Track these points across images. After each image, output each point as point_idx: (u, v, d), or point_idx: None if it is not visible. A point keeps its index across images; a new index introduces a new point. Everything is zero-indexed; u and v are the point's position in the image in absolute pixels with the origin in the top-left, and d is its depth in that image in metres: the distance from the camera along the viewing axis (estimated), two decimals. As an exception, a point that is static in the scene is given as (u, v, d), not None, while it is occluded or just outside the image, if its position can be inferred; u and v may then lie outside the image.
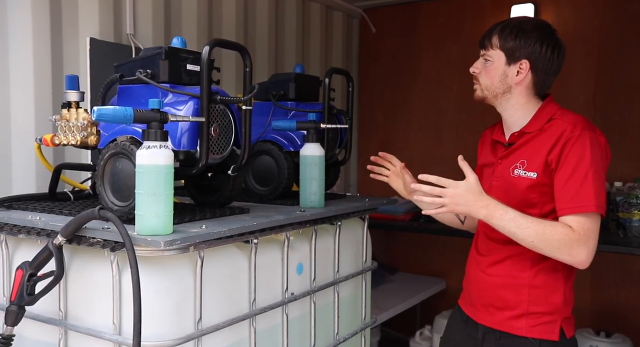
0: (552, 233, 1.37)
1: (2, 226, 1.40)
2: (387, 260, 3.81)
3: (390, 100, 3.88)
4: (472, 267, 1.67)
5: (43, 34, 1.95)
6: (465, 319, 1.66)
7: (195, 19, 2.56)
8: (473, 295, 1.64)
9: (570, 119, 1.47)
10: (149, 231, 1.18)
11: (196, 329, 1.27)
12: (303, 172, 1.71)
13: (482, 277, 1.60)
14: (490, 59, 1.54)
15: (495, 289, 1.55)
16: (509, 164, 1.53)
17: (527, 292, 1.50)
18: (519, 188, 1.49)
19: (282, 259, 1.54)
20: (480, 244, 1.64)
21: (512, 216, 1.39)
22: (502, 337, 1.54)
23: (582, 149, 1.41)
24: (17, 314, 1.25)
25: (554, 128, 1.47)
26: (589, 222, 1.39)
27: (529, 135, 1.52)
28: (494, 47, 1.52)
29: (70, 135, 1.45)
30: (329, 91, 1.83)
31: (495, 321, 1.56)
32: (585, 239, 1.38)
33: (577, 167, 1.40)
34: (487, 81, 1.55)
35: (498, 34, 1.52)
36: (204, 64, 1.32)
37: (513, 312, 1.52)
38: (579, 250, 1.37)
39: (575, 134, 1.42)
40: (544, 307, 1.50)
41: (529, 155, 1.50)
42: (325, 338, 1.75)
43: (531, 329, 1.50)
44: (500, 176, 1.56)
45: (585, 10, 3.24)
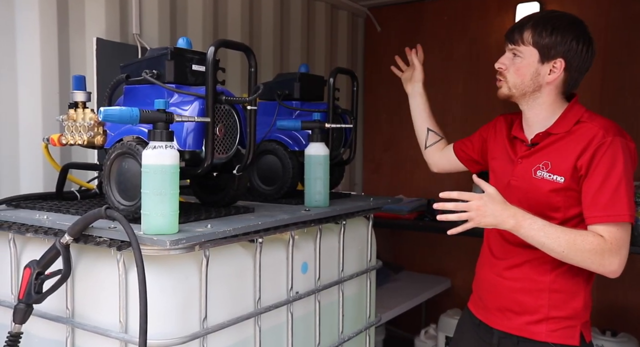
0: (584, 243, 1.34)
1: (10, 225, 1.42)
2: (392, 259, 3.81)
3: (395, 99, 3.86)
4: (485, 270, 1.63)
5: (50, 34, 1.96)
6: (478, 324, 1.63)
7: (201, 18, 2.57)
8: (487, 299, 1.60)
9: (601, 124, 1.42)
10: (154, 230, 1.19)
11: (201, 328, 1.28)
12: (308, 171, 1.72)
13: (498, 281, 1.56)
14: (521, 55, 1.45)
15: (513, 294, 1.52)
16: (531, 165, 1.48)
17: (547, 297, 1.47)
18: (541, 190, 1.45)
19: (287, 258, 1.54)
20: (495, 246, 1.59)
21: (540, 226, 1.35)
22: (520, 342, 1.50)
23: (614, 156, 1.37)
24: (25, 312, 1.26)
25: (584, 132, 1.42)
26: (621, 231, 1.35)
27: (555, 137, 1.47)
28: (526, 43, 1.44)
29: (77, 135, 1.46)
30: (334, 91, 1.84)
31: (512, 326, 1.52)
32: (617, 248, 1.34)
33: (609, 175, 1.36)
34: (517, 79, 1.47)
35: (532, 29, 1.44)
36: (209, 64, 1.32)
37: (532, 317, 1.48)
38: (611, 260, 1.34)
39: (607, 141, 1.38)
40: (565, 311, 1.47)
41: (554, 157, 1.45)
42: (330, 337, 1.76)
43: (551, 334, 1.47)
44: (521, 176, 1.50)
45: (590, 10, 3.22)
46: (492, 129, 1.71)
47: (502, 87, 1.51)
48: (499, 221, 1.36)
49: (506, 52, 1.51)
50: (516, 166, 1.53)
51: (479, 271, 1.67)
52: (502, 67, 1.50)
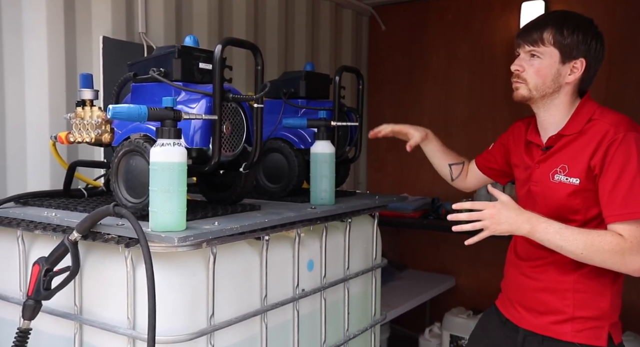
0: (602, 243, 1.31)
1: (18, 222, 1.43)
2: (397, 257, 3.81)
3: (400, 98, 3.88)
4: (511, 270, 1.63)
5: (57, 33, 1.97)
6: (504, 322, 1.63)
7: (206, 17, 2.58)
8: (513, 298, 1.61)
9: (612, 120, 1.40)
10: (162, 228, 1.19)
11: (209, 325, 1.29)
12: (314, 169, 1.72)
13: (523, 281, 1.56)
14: (541, 56, 1.42)
15: (537, 293, 1.51)
16: (548, 169, 1.46)
17: (572, 297, 1.46)
18: (560, 194, 1.43)
19: (293, 256, 1.55)
20: (519, 247, 1.60)
21: (556, 229, 1.33)
22: (544, 341, 1.50)
23: (628, 152, 1.34)
24: (34, 309, 1.27)
25: (595, 130, 1.40)
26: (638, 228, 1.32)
27: (568, 138, 1.45)
28: (547, 43, 1.41)
29: (85, 133, 1.47)
30: (340, 89, 1.84)
31: (538, 324, 1.52)
32: (638, 246, 1.31)
33: (624, 171, 1.33)
34: (538, 80, 1.43)
35: (553, 29, 1.41)
36: (217, 62, 1.33)
37: (557, 316, 1.48)
38: (632, 258, 1.31)
39: (618, 137, 1.35)
40: (590, 311, 1.45)
41: (569, 159, 1.43)
42: (336, 334, 1.76)
43: (577, 334, 1.45)
44: (539, 180, 1.49)
45: (595, 7, 3.21)
46: (510, 136, 1.70)
47: (519, 89, 1.47)
48: (514, 227, 1.34)
49: (521, 54, 1.46)
50: (534, 171, 1.52)
51: (506, 271, 1.68)
52: (519, 69, 1.46)
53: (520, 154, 1.61)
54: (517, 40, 1.49)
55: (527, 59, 1.45)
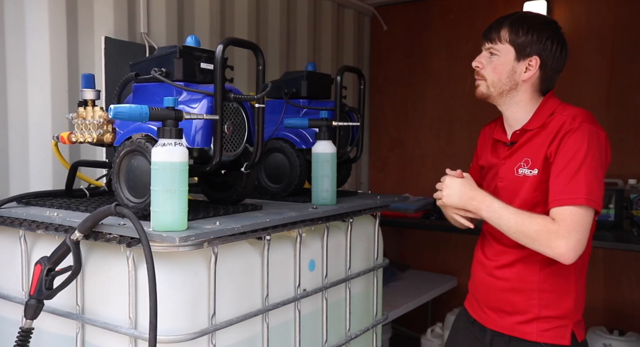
0: (530, 224, 1.35)
1: (21, 222, 1.43)
2: (399, 257, 3.81)
3: (402, 98, 3.88)
4: (478, 270, 1.64)
5: (59, 33, 1.98)
6: (472, 322, 1.64)
7: (208, 17, 2.59)
8: (480, 298, 1.62)
9: (571, 112, 1.44)
10: (164, 227, 1.20)
11: (210, 324, 1.29)
12: (315, 169, 1.72)
13: (489, 281, 1.57)
14: (498, 53, 1.48)
15: (504, 293, 1.53)
16: (513, 164, 1.50)
17: (538, 296, 1.47)
18: (524, 187, 1.46)
19: (295, 256, 1.55)
20: (486, 247, 1.61)
21: (497, 207, 1.40)
22: (511, 341, 1.51)
23: (580, 141, 1.37)
24: (36, 308, 1.27)
25: (555, 122, 1.44)
26: (577, 214, 1.33)
27: (531, 133, 1.49)
28: (503, 40, 1.47)
29: (87, 133, 1.48)
30: (341, 89, 1.84)
31: (504, 325, 1.53)
32: (567, 231, 1.32)
33: (573, 159, 1.36)
34: (494, 77, 1.49)
35: (509, 27, 1.47)
36: (218, 62, 1.33)
37: (523, 316, 1.49)
38: (558, 242, 1.32)
39: (574, 126, 1.39)
40: (555, 311, 1.47)
41: (532, 153, 1.47)
42: (337, 334, 1.76)
43: (542, 334, 1.47)
44: (505, 176, 1.52)
45: (598, 6, 3.21)
46: (480, 143, 1.74)
47: (480, 86, 1.53)
48: (462, 201, 1.45)
49: (483, 51, 1.53)
50: (500, 168, 1.55)
51: (473, 270, 1.68)
52: (479, 66, 1.53)
53: (487, 155, 1.65)
54: (482, 38, 1.56)
55: (487, 57, 1.52)
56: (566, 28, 3.56)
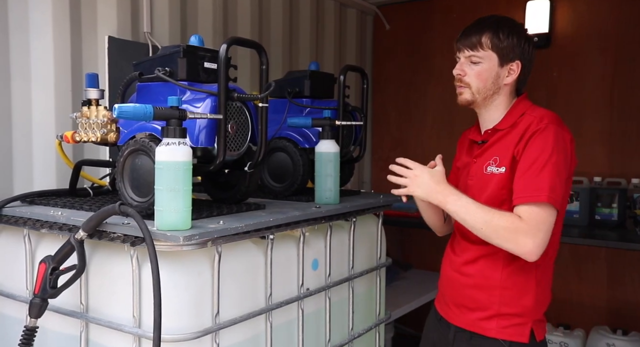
0: (499, 220, 1.37)
1: (25, 221, 1.44)
2: (401, 257, 3.81)
3: (404, 97, 3.87)
4: (446, 266, 1.65)
5: (63, 33, 1.98)
6: (439, 319, 1.66)
7: (211, 17, 2.59)
8: (446, 295, 1.63)
9: (540, 114, 1.47)
10: (168, 226, 1.20)
11: (214, 323, 1.29)
12: (318, 168, 1.72)
13: (455, 277, 1.58)
14: (481, 61, 1.48)
15: (468, 289, 1.54)
16: (483, 162, 1.52)
17: (499, 294, 1.49)
18: (491, 185, 1.48)
19: (298, 255, 1.55)
20: (455, 243, 1.63)
21: (464, 202, 1.41)
22: (472, 337, 1.53)
23: (545, 141, 1.40)
24: (41, 307, 1.28)
25: (524, 122, 1.47)
26: (540, 212, 1.36)
27: (502, 132, 1.51)
28: (485, 47, 1.47)
29: (91, 132, 1.48)
30: (344, 88, 1.84)
31: (466, 321, 1.55)
32: (534, 230, 1.35)
33: (537, 159, 1.39)
34: (480, 84, 1.49)
35: (491, 33, 1.47)
36: (222, 62, 1.33)
37: (484, 313, 1.50)
38: (525, 240, 1.35)
39: (540, 127, 1.42)
40: (515, 308, 1.48)
41: (500, 151, 1.49)
42: (340, 333, 1.76)
43: (501, 331, 1.48)
44: (475, 174, 1.55)
45: (601, 5, 3.20)
46: (458, 147, 1.75)
47: (463, 94, 1.53)
48: (428, 195, 1.46)
49: (462, 59, 1.52)
50: (472, 166, 1.57)
51: (442, 267, 1.69)
52: (461, 74, 1.52)
53: (462, 156, 1.67)
54: (457, 45, 1.54)
55: (468, 64, 1.51)
56: (569, 27, 3.54)
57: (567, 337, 3.05)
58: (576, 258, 3.25)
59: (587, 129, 3.19)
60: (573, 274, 3.27)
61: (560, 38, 3.29)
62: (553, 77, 3.26)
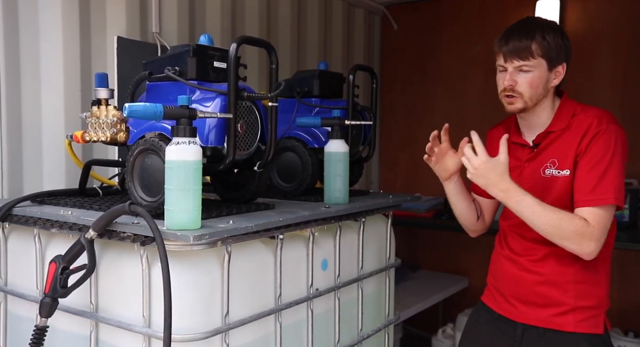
0: (569, 224, 1.39)
1: (35, 221, 1.44)
2: (410, 257, 3.79)
3: (412, 97, 3.86)
4: (506, 265, 1.63)
5: (72, 33, 1.99)
6: (497, 318, 1.64)
7: (219, 16, 2.59)
8: (508, 293, 1.61)
9: (595, 113, 1.47)
10: (178, 226, 1.20)
11: (223, 323, 1.29)
12: (327, 168, 1.72)
13: (521, 276, 1.57)
14: (532, 69, 1.46)
15: (537, 287, 1.54)
16: (539, 165, 1.52)
17: (573, 288, 1.50)
18: (554, 188, 1.48)
19: (307, 255, 1.55)
20: (513, 244, 1.61)
21: (529, 203, 1.40)
22: (546, 333, 1.53)
23: (608, 142, 1.42)
24: (51, 306, 1.28)
25: (579, 123, 1.47)
26: (605, 215, 1.40)
27: (555, 134, 1.51)
28: (536, 55, 1.45)
29: (101, 132, 1.48)
30: (353, 88, 1.83)
31: (538, 317, 1.54)
32: (598, 233, 1.39)
33: (601, 159, 1.41)
34: (532, 92, 1.47)
35: (540, 40, 1.45)
36: (231, 61, 1.33)
37: (559, 308, 1.51)
38: (589, 242, 1.38)
39: (602, 128, 1.43)
40: (590, 301, 1.50)
41: (558, 153, 1.49)
42: (349, 334, 1.75)
43: (579, 324, 1.49)
44: (530, 177, 1.53)
45: (612, 5, 3.17)
46: (489, 147, 1.70)
47: (515, 103, 1.50)
48: (489, 188, 1.44)
49: (510, 69, 1.47)
50: (524, 170, 1.55)
51: (498, 267, 1.68)
52: (513, 84, 1.48)
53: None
54: (503, 54, 1.49)
55: (517, 73, 1.48)
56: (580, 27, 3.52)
57: (577, 339, 3.02)
58: (586, 259, 3.22)
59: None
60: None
61: (570, 37, 3.24)
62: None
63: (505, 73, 1.49)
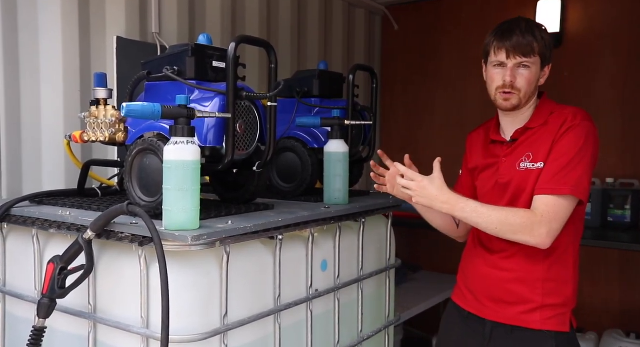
0: (515, 218, 1.41)
1: (33, 221, 1.43)
2: (410, 258, 3.78)
3: (412, 97, 3.85)
4: (476, 262, 1.64)
5: (72, 33, 1.99)
6: (466, 316, 1.65)
7: (219, 17, 2.59)
8: (478, 291, 1.62)
9: (571, 111, 1.51)
10: (176, 226, 1.19)
11: (222, 324, 1.28)
12: (327, 168, 1.71)
13: (492, 273, 1.58)
14: (531, 66, 1.49)
15: (507, 284, 1.55)
16: (515, 160, 1.53)
17: (542, 286, 1.51)
18: (529, 181, 1.49)
19: (307, 256, 1.54)
20: (486, 241, 1.61)
21: (473, 208, 1.43)
22: (514, 331, 1.54)
23: (579, 137, 1.44)
24: (49, 307, 1.27)
25: (556, 119, 1.50)
26: (558, 204, 1.41)
27: (533, 130, 1.53)
28: (536, 53, 1.48)
29: (99, 132, 1.47)
30: (353, 88, 1.83)
31: (506, 315, 1.55)
32: (548, 220, 1.40)
33: (568, 152, 1.44)
34: (528, 89, 1.50)
35: (539, 38, 1.48)
36: (230, 60, 1.32)
37: (526, 306, 1.52)
38: (539, 230, 1.40)
39: (576, 123, 1.46)
40: (558, 299, 1.51)
41: (533, 148, 1.51)
42: (349, 335, 1.74)
43: (545, 322, 1.51)
44: (507, 172, 1.55)
45: (613, 5, 3.17)
46: (468, 152, 1.75)
47: (511, 100, 1.51)
48: (433, 204, 1.46)
49: (511, 65, 1.49)
50: (501, 165, 1.57)
51: (469, 265, 1.69)
52: (514, 80, 1.50)
53: (479, 157, 1.67)
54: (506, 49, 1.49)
55: (516, 69, 1.50)
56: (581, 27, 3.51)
57: (579, 341, 3.00)
58: (588, 260, 3.19)
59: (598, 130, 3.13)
60: (585, 276, 3.21)
61: (571, 38, 3.25)
62: (564, 77, 3.22)
63: (501, 69, 1.50)
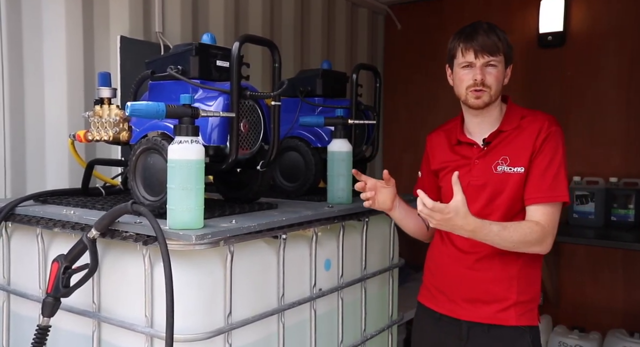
0: (532, 235, 1.47)
1: (37, 220, 1.44)
2: (413, 257, 3.77)
3: (415, 97, 3.85)
4: (451, 264, 1.62)
5: (76, 33, 1.99)
6: (438, 317, 1.64)
7: (222, 16, 2.59)
8: (452, 292, 1.62)
9: (545, 117, 1.57)
10: (180, 225, 1.19)
11: (226, 323, 1.28)
12: (331, 168, 1.71)
13: (467, 274, 1.59)
14: (497, 65, 1.53)
15: (484, 284, 1.56)
16: (490, 162, 1.56)
17: (516, 284, 1.56)
18: (508, 184, 1.53)
19: (310, 255, 1.54)
20: (460, 242, 1.60)
21: (495, 231, 1.44)
22: (490, 329, 1.56)
23: (557, 144, 1.52)
24: (53, 306, 1.28)
25: (530, 124, 1.55)
26: (555, 212, 1.51)
27: (506, 134, 1.57)
28: (501, 51, 1.53)
29: (103, 131, 1.48)
30: (357, 87, 1.82)
31: (483, 314, 1.57)
32: (551, 228, 1.49)
33: (552, 160, 1.51)
34: (497, 86, 1.54)
35: (502, 37, 1.55)
36: (234, 60, 1.32)
37: (502, 304, 1.55)
38: (548, 240, 1.49)
39: (552, 130, 1.53)
40: (529, 295, 1.57)
41: (509, 151, 1.54)
42: (353, 334, 1.74)
43: (520, 318, 1.55)
44: (481, 174, 1.56)
45: (617, 4, 3.15)
46: (429, 151, 1.77)
47: (482, 97, 1.54)
48: (455, 231, 1.45)
49: (479, 64, 1.52)
50: (474, 167, 1.58)
51: (439, 265, 1.68)
52: (484, 78, 1.53)
53: (445, 156, 1.67)
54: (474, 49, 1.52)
55: (484, 67, 1.54)
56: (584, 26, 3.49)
57: (582, 341, 3.00)
58: (592, 260, 3.20)
59: (602, 129, 3.14)
60: (588, 276, 3.22)
61: (574, 37, 3.24)
62: (567, 77, 3.21)
63: (470, 69, 1.54)
